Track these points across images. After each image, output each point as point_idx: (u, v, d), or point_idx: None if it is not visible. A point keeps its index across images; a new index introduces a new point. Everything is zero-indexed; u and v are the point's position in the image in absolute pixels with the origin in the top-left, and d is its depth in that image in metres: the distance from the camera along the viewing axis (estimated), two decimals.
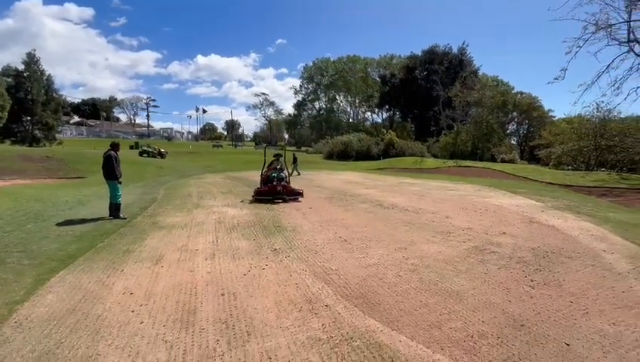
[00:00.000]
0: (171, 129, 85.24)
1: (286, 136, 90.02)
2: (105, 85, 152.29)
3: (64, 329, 2.74)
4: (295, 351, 2.46)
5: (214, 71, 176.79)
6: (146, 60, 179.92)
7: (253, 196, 9.25)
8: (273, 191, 9.06)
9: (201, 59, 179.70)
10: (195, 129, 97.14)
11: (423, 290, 3.51)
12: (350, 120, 70.61)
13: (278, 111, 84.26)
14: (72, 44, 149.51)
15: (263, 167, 10.99)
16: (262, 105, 79.37)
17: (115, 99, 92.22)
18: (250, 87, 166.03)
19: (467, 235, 5.64)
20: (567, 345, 2.53)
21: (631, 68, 19.32)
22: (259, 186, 9.87)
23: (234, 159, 35.97)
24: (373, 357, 2.39)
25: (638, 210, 8.70)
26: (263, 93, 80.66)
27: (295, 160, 19.45)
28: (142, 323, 2.86)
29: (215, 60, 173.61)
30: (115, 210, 6.69)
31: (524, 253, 4.68)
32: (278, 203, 8.80)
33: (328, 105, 69.85)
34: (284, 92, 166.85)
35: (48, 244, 4.97)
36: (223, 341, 2.59)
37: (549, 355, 2.40)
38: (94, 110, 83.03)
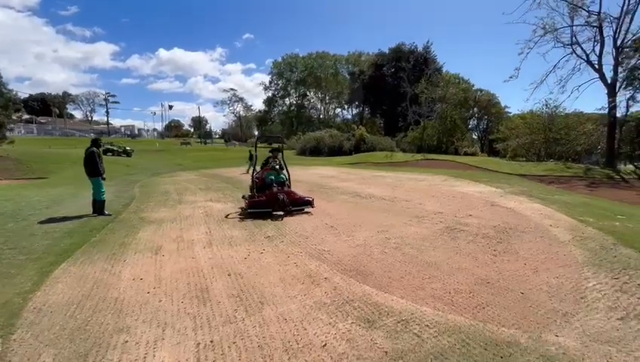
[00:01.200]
0: (133, 126, 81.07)
1: (256, 132, 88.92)
2: (54, 79, 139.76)
3: (86, 311, 2.94)
4: (306, 312, 2.87)
5: (178, 65, 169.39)
6: (102, 53, 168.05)
7: (245, 208, 6.92)
8: (273, 199, 6.71)
9: (163, 53, 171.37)
10: (159, 126, 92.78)
11: (406, 262, 4.05)
12: (321, 116, 71.15)
13: (248, 108, 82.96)
14: (14, 34, 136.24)
15: (253, 167, 8.38)
16: (230, 101, 77.66)
17: (69, 95, 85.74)
18: (217, 82, 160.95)
19: (439, 218, 6.32)
20: (522, 293, 3.17)
21: (574, 68, 21.53)
22: (250, 193, 7.47)
23: (204, 156, 35.20)
24: (372, 312, 2.87)
25: (578, 193, 10.00)
26: (232, 89, 78.57)
27: (251, 157, 18.67)
28: (160, 301, 3.12)
29: (179, 54, 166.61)
30: (99, 207, 6.63)
31: (487, 230, 5.41)
32: (279, 216, 6.61)
33: (299, 102, 69.92)
34: (252, 88, 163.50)
35: (39, 241, 4.94)
36: (241, 309, 2.94)
37: (509, 301, 3.02)
38: (44, 106, 76.69)
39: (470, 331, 2.56)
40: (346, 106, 67.14)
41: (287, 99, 71.62)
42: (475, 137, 50.07)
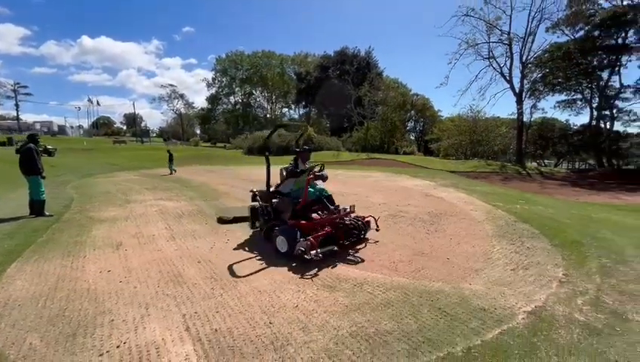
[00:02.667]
0: (51, 122, 71.27)
1: (198, 131, 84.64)
2: None
3: (59, 301, 3.01)
4: (277, 285, 3.32)
5: (106, 56, 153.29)
6: (7, 36, 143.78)
7: (304, 252, 3.69)
8: (335, 226, 4.16)
9: (87, 40, 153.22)
10: (85, 123, 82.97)
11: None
12: (268, 115, 70.53)
13: (189, 105, 78.47)
14: None
15: (268, 175, 4.84)
16: (169, 97, 72.64)
17: None
18: (153, 76, 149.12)
19: (384, 207, 7.17)
20: (448, 259, 4.02)
21: (491, 79, 24.90)
22: (257, 220, 4.86)
23: (142, 156, 32.70)
24: (333, 280, 3.43)
25: (494, 185, 11.88)
26: (171, 85, 73.60)
27: (171, 157, 16.88)
28: (136, 287, 3.29)
29: (106, 44, 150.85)
30: (38, 207, 6.16)
31: (423, 215, 6.36)
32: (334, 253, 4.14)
33: (245, 100, 68.39)
34: (193, 84, 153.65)
35: None
36: (217, 287, 3.27)
37: (438, 265, 3.83)
38: None
39: (409, 286, 3.26)
40: (293, 106, 67.56)
41: (232, 97, 69.53)
42: (413, 138, 54.23)
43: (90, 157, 28.84)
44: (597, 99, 25.45)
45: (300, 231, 3.99)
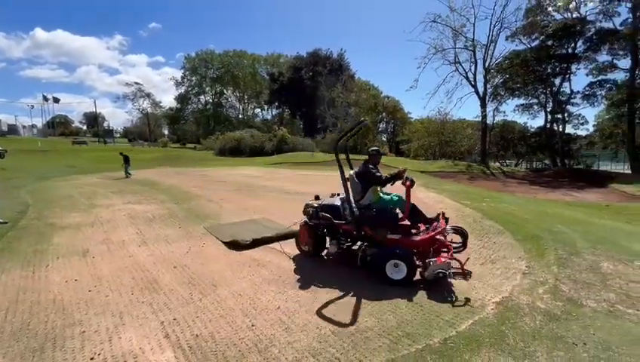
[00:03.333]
0: None
1: (166, 131, 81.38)
2: None
3: (21, 314, 2.81)
4: (257, 288, 3.30)
5: (62, 50, 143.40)
6: None
7: (432, 273, 3.17)
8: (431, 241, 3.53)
9: (41, 33, 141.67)
10: (39, 122, 76.97)
11: None
12: (240, 116, 69.27)
13: (156, 104, 75.20)
14: None
15: (345, 184, 3.86)
16: (135, 96, 69.15)
17: None
18: (117, 74, 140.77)
19: None
20: None
21: (457, 83, 26.09)
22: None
23: (105, 157, 30.89)
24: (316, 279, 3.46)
25: (461, 184, 12.49)
26: (136, 83, 69.93)
27: (126, 159, 15.45)
28: (107, 296, 3.15)
29: (63, 37, 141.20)
30: None
31: None
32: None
33: (216, 100, 66.65)
34: (161, 83, 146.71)
35: None
36: (196, 292, 3.20)
37: None
38: None
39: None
40: (265, 107, 66.85)
41: (202, 96, 67.54)
42: (385, 139, 55.58)
43: (46, 160, 26.86)
44: (551, 103, 27.50)
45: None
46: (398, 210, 3.86)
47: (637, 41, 19.68)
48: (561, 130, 27.58)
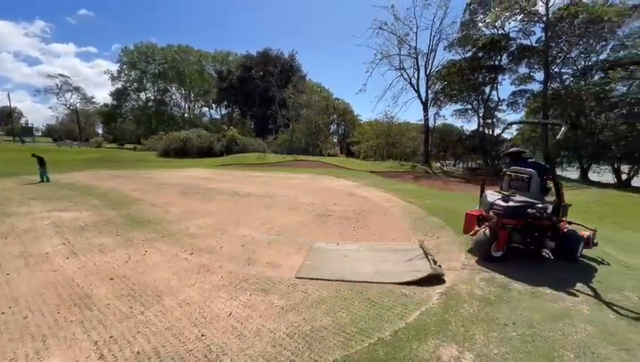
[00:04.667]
0: None
1: (100, 130, 73.69)
2: None
3: None
4: (207, 295, 3.13)
5: None
6: None
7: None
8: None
9: None
10: None
11: (288, 244, 4.74)
12: (186, 115, 65.44)
13: (88, 100, 67.82)
14: None
15: (559, 191, 4.19)
16: (60, 89, 61.51)
17: None
18: (38, 64, 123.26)
19: (311, 208, 7.36)
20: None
21: (402, 87, 27.63)
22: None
23: (23, 159, 26.90)
24: (267, 283, 3.39)
25: (407, 183, 13.24)
26: (62, 75, 62.05)
27: (41, 161, 13.23)
28: (26, 318, 2.74)
29: None
30: None
31: (349, 214, 6.74)
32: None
33: (158, 97, 62.09)
34: (93, 76, 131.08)
35: None
36: (137, 305, 2.93)
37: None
38: None
39: (341, 281, 3.43)
40: (214, 106, 64.04)
41: (143, 93, 62.51)
42: (336, 140, 56.81)
43: None
44: (482, 109, 30.47)
45: None
46: None
47: (548, 57, 22.70)
48: (491, 133, 30.70)
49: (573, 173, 24.29)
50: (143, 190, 10.39)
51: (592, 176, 22.85)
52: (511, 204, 3.93)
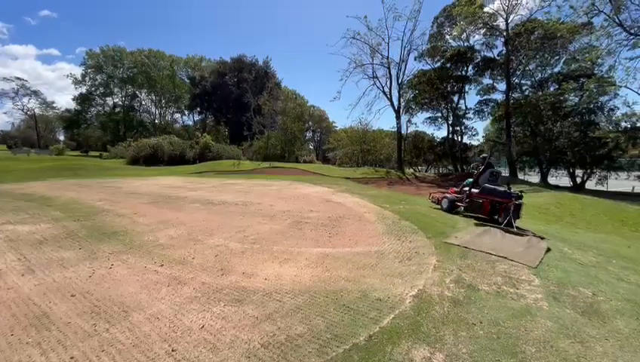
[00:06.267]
0: None
1: (62, 137, 69.44)
2: None
3: None
4: (177, 308, 3.03)
5: None
6: None
7: None
8: None
9: None
10: None
11: (263, 252, 4.69)
12: (156, 121, 63.24)
13: (48, 105, 63.78)
14: None
15: None
16: (16, 93, 57.50)
17: None
18: None
19: (287, 216, 7.32)
20: (348, 259, 4.38)
21: (375, 96, 28.38)
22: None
23: None
24: (240, 294, 3.33)
25: (382, 189, 13.52)
26: (19, 78, 57.99)
27: None
28: None
29: None
30: None
31: (324, 221, 6.77)
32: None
33: (127, 103, 59.63)
34: (54, 80, 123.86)
35: None
36: (101, 322, 2.78)
37: (341, 263, 4.14)
38: None
39: (317, 289, 3.44)
40: (186, 112, 62.44)
41: (109, 98, 59.82)
42: (312, 147, 57.08)
43: None
44: (451, 117, 31.86)
45: None
46: None
47: (509, 69, 24.23)
48: (459, 140, 32.12)
49: (534, 177, 25.86)
50: (110, 200, 9.88)
51: (551, 179, 24.47)
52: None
